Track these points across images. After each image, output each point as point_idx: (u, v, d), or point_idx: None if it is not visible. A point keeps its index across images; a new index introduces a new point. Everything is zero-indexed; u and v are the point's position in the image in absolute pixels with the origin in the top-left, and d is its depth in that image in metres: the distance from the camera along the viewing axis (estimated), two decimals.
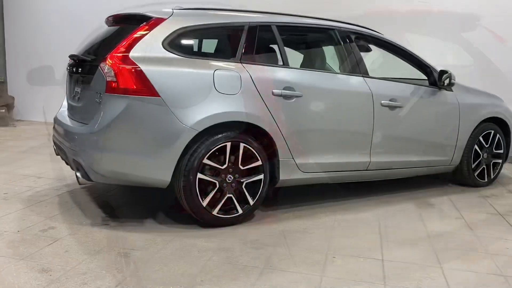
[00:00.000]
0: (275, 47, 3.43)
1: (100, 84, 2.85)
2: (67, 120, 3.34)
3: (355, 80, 3.60)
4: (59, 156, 3.52)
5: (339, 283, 2.34)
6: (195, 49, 3.22)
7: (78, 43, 3.86)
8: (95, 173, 2.85)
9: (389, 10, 6.51)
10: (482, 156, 4.48)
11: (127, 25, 3.17)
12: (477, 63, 6.13)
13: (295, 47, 4.13)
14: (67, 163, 3.34)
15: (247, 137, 3.08)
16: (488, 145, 4.49)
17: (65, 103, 3.75)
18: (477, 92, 4.49)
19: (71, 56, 3.36)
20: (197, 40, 3.24)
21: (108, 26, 3.54)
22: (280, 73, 3.25)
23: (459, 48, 6.24)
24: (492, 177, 4.60)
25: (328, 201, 3.77)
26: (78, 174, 2.96)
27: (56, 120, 3.55)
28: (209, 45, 3.40)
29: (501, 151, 4.60)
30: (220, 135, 2.97)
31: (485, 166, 4.52)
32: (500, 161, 4.62)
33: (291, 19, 3.53)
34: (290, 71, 3.32)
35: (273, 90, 3.15)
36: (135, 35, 2.90)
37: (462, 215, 3.58)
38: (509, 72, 5.91)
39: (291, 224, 3.21)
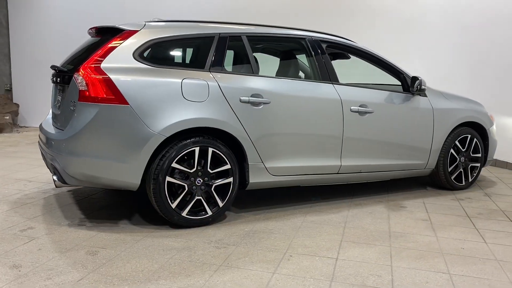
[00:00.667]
0: (245, 56, 3.59)
1: (74, 93, 3.05)
2: (49, 128, 3.54)
3: (325, 87, 3.74)
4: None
5: (288, 279, 2.48)
6: (165, 59, 3.40)
7: None
8: (69, 177, 3.05)
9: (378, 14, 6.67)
10: (459, 160, 4.57)
11: (103, 37, 3.37)
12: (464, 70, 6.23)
13: (269, 56, 4.29)
14: (48, 168, 3.54)
15: (215, 142, 3.24)
16: (465, 149, 4.59)
17: (49, 113, 3.98)
18: (453, 98, 4.58)
19: (52, 67, 3.57)
20: (168, 51, 3.42)
21: (91, 37, 3.76)
22: (248, 81, 3.41)
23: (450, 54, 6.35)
24: (470, 180, 4.68)
25: (302, 204, 3.92)
26: (55, 177, 3.15)
27: (40, 127, 3.76)
28: (181, 55, 3.58)
29: (479, 155, 4.69)
30: (188, 140, 3.14)
31: (462, 170, 4.61)
32: (478, 164, 4.71)
33: (261, 30, 3.69)
34: (258, 79, 3.48)
35: (241, 97, 3.32)
36: (108, 47, 3.09)
37: (430, 217, 3.69)
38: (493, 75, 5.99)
39: (259, 225, 3.36)
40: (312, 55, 3.79)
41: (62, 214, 3.48)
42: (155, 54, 3.25)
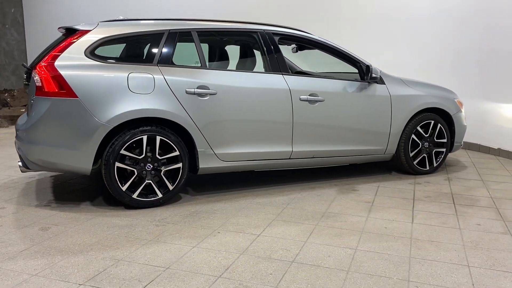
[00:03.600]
0: (194, 51, 3.86)
1: (33, 88, 3.43)
2: (22, 120, 3.96)
3: (274, 78, 3.96)
4: None
5: (202, 252, 2.76)
6: (115, 55, 3.72)
7: None
8: (31, 162, 3.44)
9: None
10: (422, 145, 4.68)
11: (63, 37, 3.73)
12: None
13: (220, 50, 4.52)
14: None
15: (164, 131, 3.55)
16: (428, 135, 4.69)
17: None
18: (415, 84, 4.67)
19: (22, 65, 3.99)
20: (117, 48, 3.74)
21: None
22: (195, 74, 3.69)
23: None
24: (435, 165, 4.79)
25: (257, 188, 4.18)
26: (20, 163, 3.55)
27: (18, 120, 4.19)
28: (131, 52, 3.90)
29: (444, 141, 4.78)
30: (136, 130, 3.47)
31: (426, 155, 4.72)
32: (443, 150, 4.80)
33: (210, 25, 3.95)
34: (206, 72, 3.75)
35: (186, 89, 3.60)
36: (61, 45, 3.45)
37: (374, 199, 3.87)
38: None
39: (206, 207, 3.65)
40: (264, 47, 4.02)
41: (35, 197, 3.90)
42: (105, 51, 3.58)
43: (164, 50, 3.66)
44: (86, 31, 3.53)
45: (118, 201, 3.62)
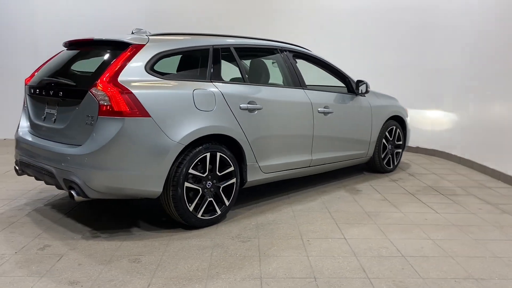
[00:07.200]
0: (236, 66, 3.92)
1: (91, 108, 3.08)
2: (42, 141, 3.45)
3: (298, 92, 4.26)
4: (22, 176, 3.62)
5: (322, 259, 2.96)
6: (172, 71, 3.57)
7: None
8: (91, 190, 3.08)
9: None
10: (388, 147, 5.50)
11: (105, 50, 3.41)
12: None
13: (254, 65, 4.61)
14: (41, 180, 3.53)
15: (221, 147, 3.54)
16: (392, 138, 5.53)
17: (23, 124, 3.82)
18: (382, 96, 5.47)
19: (45, 80, 3.48)
20: (173, 63, 3.59)
21: (70, 49, 3.74)
22: (244, 89, 3.76)
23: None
24: (396, 164, 5.66)
25: (280, 195, 4.39)
26: (73, 192, 3.13)
27: (24, 140, 3.61)
28: (185, 67, 3.78)
29: (401, 143, 5.69)
30: (200, 147, 3.39)
31: (390, 156, 5.55)
32: (400, 150, 5.71)
33: (245, 41, 4.05)
34: (251, 87, 3.85)
35: (240, 105, 3.66)
36: (120, 61, 3.17)
37: (385, 197, 4.47)
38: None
39: (260, 218, 3.75)
40: (286, 63, 4.27)
41: (64, 229, 3.43)
42: (163, 67, 3.40)
43: (214, 65, 3.64)
44: (141, 45, 3.31)
45: (170, 222, 3.48)
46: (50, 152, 3.28)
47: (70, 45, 3.84)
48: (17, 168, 3.77)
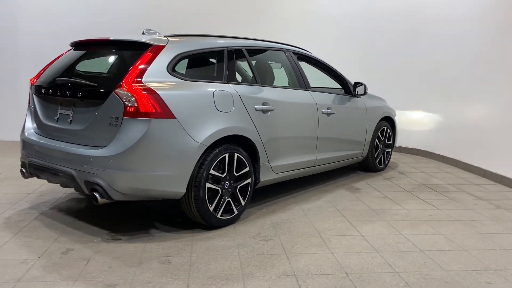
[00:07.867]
0: (248, 68, 3.97)
1: (115, 109, 3.04)
2: (56, 142, 3.37)
3: (305, 93, 4.36)
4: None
5: (347, 256, 3.06)
6: (192, 72, 3.58)
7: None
8: (116, 192, 3.04)
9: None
10: (380, 147, 5.70)
11: (121, 51, 3.38)
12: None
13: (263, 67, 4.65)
14: (54, 183, 3.50)
15: (238, 148, 3.58)
16: (383, 138, 5.73)
17: (30, 125, 3.72)
18: (374, 97, 5.66)
19: (60, 80, 3.40)
20: (192, 64, 3.60)
21: (77, 49, 3.69)
22: (258, 91, 3.82)
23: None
24: (386, 163, 5.87)
25: (284, 195, 4.47)
26: (97, 194, 3.08)
27: (32, 141, 3.52)
28: (203, 68, 3.78)
29: (391, 142, 5.90)
30: (220, 148, 3.42)
31: (382, 155, 5.76)
32: (390, 149, 5.92)
33: (255, 43, 4.11)
34: (264, 89, 3.91)
35: (255, 106, 3.71)
36: (143, 62, 3.15)
37: (384, 194, 4.64)
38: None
39: (275, 217, 3.82)
40: (292, 65, 4.36)
41: (80, 233, 3.36)
42: (183, 68, 3.41)
43: (229, 67, 3.68)
44: (162, 46, 3.29)
45: (188, 223, 3.50)
46: (69, 154, 3.21)
47: (78, 45, 3.77)
48: (24, 170, 3.66)
